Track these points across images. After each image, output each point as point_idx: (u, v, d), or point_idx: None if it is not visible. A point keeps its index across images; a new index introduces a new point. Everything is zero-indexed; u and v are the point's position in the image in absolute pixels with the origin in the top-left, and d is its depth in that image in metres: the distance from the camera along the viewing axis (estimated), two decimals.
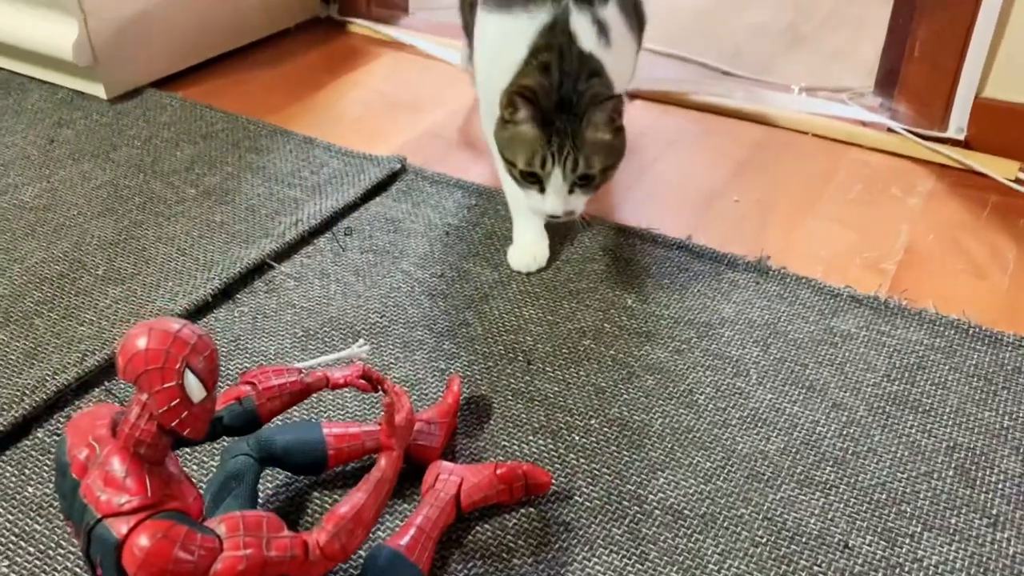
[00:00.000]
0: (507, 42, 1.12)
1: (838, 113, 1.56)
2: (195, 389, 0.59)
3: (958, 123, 1.45)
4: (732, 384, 1.00)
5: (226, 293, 1.13)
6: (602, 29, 1.11)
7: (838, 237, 1.27)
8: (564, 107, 1.05)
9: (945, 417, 0.95)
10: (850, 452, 0.91)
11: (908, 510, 0.85)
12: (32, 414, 0.93)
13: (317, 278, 1.16)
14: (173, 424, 0.59)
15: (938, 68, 1.46)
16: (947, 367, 1.02)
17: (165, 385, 0.58)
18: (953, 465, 0.90)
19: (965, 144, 1.45)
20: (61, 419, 0.94)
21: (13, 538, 0.81)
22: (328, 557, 0.62)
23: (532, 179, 1.08)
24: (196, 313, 1.09)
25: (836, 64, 1.87)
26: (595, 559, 0.80)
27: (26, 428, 0.92)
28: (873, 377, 1.00)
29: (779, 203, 1.35)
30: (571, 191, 1.07)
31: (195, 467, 0.88)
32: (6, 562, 0.79)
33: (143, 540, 0.56)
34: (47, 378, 0.97)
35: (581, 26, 1.09)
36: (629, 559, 0.80)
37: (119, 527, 0.56)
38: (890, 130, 1.50)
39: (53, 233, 1.24)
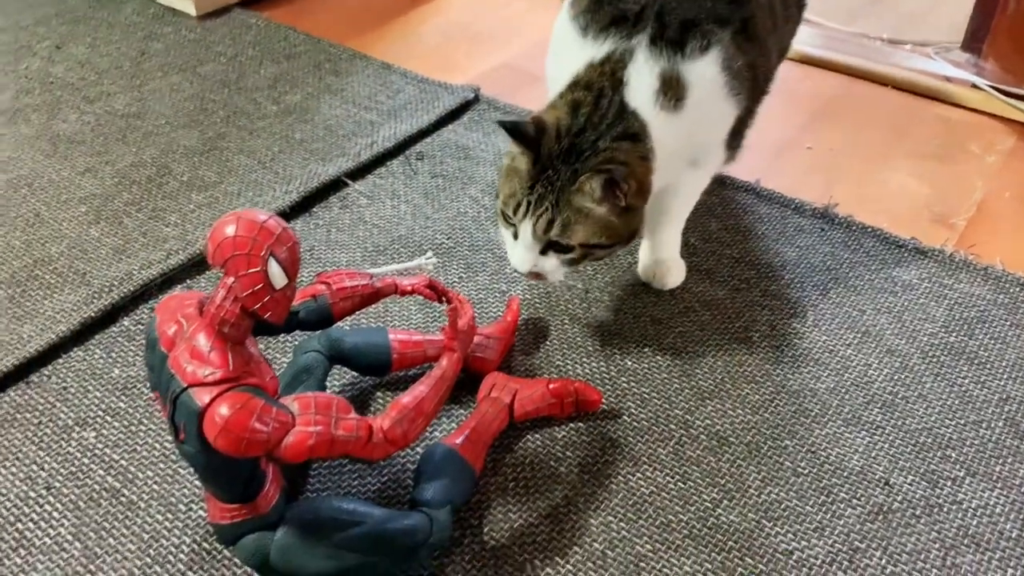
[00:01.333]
0: (560, 60, 0.97)
1: (921, 67, 1.53)
2: (277, 276, 0.63)
3: None
4: (788, 324, 1.01)
5: (303, 206, 1.18)
6: (669, 87, 0.89)
7: (910, 190, 1.25)
8: (569, 157, 0.86)
9: (1000, 370, 0.95)
10: (900, 396, 0.92)
11: (953, 455, 0.86)
12: (119, 304, 1.00)
13: (389, 198, 1.20)
14: (255, 307, 0.63)
15: None
16: (1008, 323, 1.01)
17: (250, 270, 0.63)
18: (1004, 416, 0.90)
19: None
20: (146, 310, 1.00)
21: (101, 413, 0.88)
22: (390, 441, 0.67)
23: (507, 221, 0.91)
24: None
25: (923, 19, 1.81)
26: (639, 474, 0.83)
27: (114, 316, 0.99)
28: (931, 327, 1.01)
29: (853, 153, 1.34)
30: (544, 252, 0.89)
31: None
32: (94, 434, 0.86)
33: (223, 409, 0.61)
34: (134, 272, 1.03)
35: (638, 76, 0.89)
36: (672, 477, 0.83)
37: (202, 396, 0.61)
38: (974, 86, 1.46)
39: (143, 140, 1.30)
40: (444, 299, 0.83)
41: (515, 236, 0.90)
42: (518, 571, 0.75)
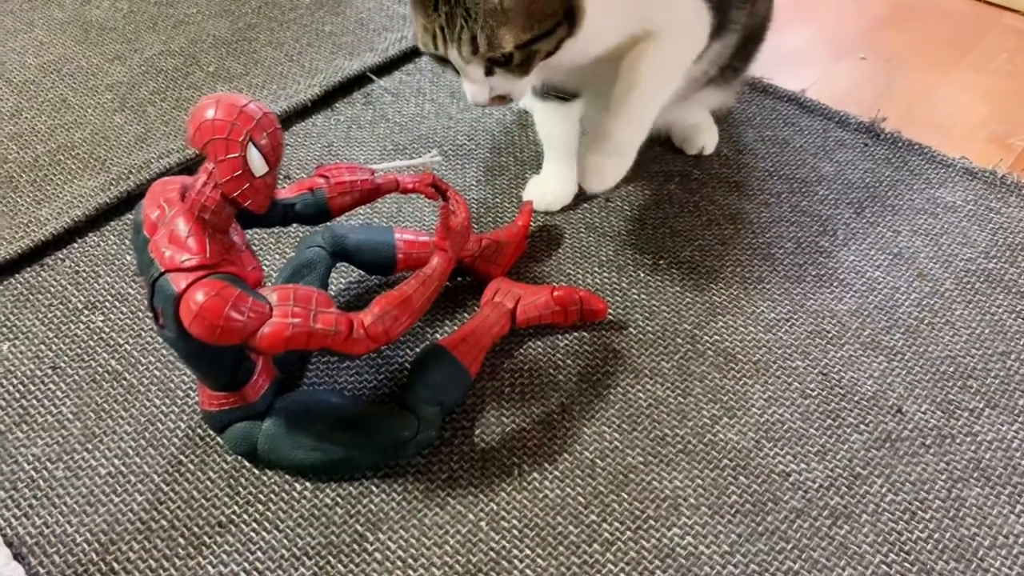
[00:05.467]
0: None
1: None
2: (257, 163, 0.62)
3: None
4: (815, 242, 0.96)
5: (325, 101, 1.15)
6: None
7: (967, 107, 1.17)
8: None
9: None
10: (925, 322, 0.88)
11: (974, 386, 0.82)
12: (136, 191, 1.00)
13: (413, 95, 1.17)
14: (235, 194, 0.62)
15: None
16: None
17: (229, 156, 0.61)
18: None
19: None
20: None
21: (110, 298, 0.89)
22: (371, 337, 0.66)
23: (438, 60, 0.77)
24: (295, 117, 1.12)
25: None
26: (639, 387, 0.81)
27: (129, 204, 0.99)
28: (969, 252, 0.95)
29: (910, 65, 1.25)
30: (490, 72, 0.75)
31: (278, 256, 0.93)
32: (102, 317, 0.87)
33: (199, 296, 0.60)
34: (152, 160, 1.03)
35: None
36: (672, 391, 0.81)
37: (179, 281, 0.61)
38: None
39: (173, 28, 1.28)
40: (446, 198, 0.81)
41: (457, 72, 0.77)
42: (505, 473, 0.74)
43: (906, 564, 0.69)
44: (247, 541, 0.70)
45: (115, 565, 0.68)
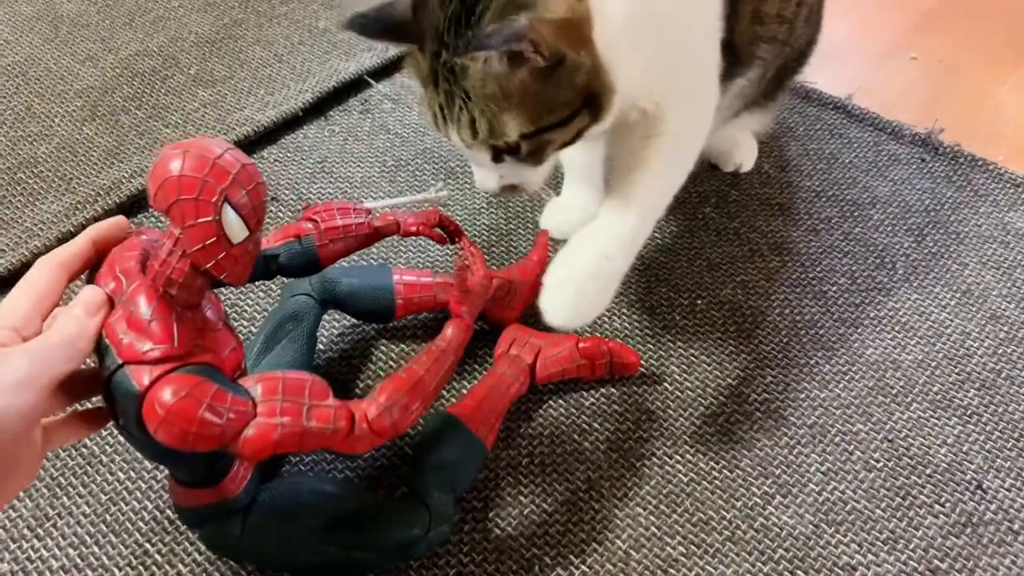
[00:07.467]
0: None
1: None
2: (235, 227, 0.50)
3: None
4: (872, 277, 0.85)
5: (319, 108, 1.04)
6: None
7: None
8: (459, 25, 0.59)
9: None
10: (1003, 375, 0.77)
11: None
12: (103, 216, 0.88)
13: (416, 103, 1.05)
14: (208, 265, 0.51)
15: None
16: None
17: (200, 220, 0.50)
18: None
19: None
20: (132, 225, 0.89)
21: None
22: (376, 433, 0.55)
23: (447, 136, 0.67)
24: (285, 127, 1.01)
25: None
26: (677, 456, 0.71)
27: None
28: None
29: (966, 66, 1.13)
30: (499, 158, 0.65)
31: (262, 295, 0.83)
32: None
33: (166, 396, 0.49)
34: (123, 180, 0.92)
35: None
36: (716, 463, 0.70)
37: (141, 377, 0.50)
38: None
39: (151, 25, 1.16)
40: (455, 242, 0.70)
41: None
42: (523, 569, 0.64)
43: None
44: None
45: None
